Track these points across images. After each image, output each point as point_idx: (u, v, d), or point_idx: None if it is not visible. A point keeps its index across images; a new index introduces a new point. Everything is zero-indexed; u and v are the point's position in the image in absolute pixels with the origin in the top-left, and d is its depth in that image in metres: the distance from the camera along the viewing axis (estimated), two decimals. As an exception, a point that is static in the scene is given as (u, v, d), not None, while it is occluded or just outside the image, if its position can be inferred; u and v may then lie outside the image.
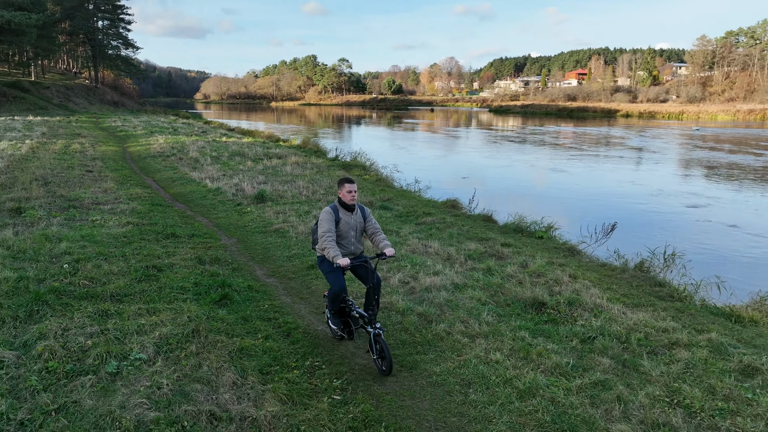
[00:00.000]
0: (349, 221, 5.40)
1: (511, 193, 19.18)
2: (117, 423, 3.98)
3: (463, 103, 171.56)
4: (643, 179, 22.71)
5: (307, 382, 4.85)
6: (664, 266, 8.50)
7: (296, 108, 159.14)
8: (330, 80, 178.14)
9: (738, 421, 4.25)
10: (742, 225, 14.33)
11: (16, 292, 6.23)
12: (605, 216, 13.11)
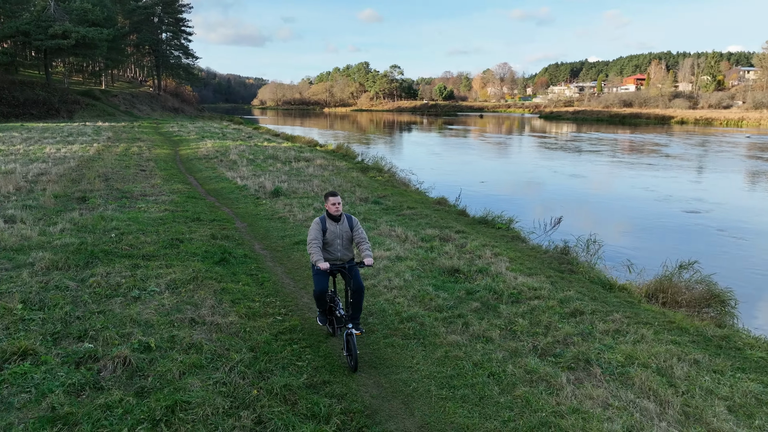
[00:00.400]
0: (335, 230, 6.07)
1: (514, 194, 20.98)
2: (134, 321, 6.42)
3: (515, 109, 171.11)
4: (651, 185, 23.89)
5: (261, 309, 7.17)
6: (585, 250, 10.34)
7: (348, 114, 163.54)
8: (382, 86, 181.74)
9: (541, 338, 6.25)
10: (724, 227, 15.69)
11: (78, 251, 8.89)
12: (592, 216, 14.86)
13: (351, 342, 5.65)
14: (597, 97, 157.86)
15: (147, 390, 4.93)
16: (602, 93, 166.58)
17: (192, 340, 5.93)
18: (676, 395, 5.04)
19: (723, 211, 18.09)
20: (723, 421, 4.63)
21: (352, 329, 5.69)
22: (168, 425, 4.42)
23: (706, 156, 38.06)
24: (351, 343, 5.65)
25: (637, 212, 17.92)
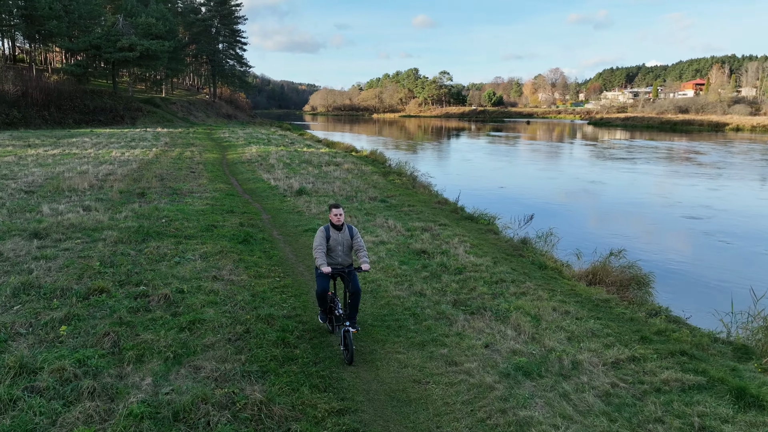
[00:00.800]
0: (337, 238, 6.88)
1: (524, 197, 22.97)
2: (174, 276, 9.12)
3: (565, 114, 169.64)
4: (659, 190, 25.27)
5: (266, 273, 9.75)
6: (544, 241, 12.45)
7: (396, 120, 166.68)
8: (430, 92, 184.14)
9: (461, 295, 8.53)
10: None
11: (137, 231, 11.77)
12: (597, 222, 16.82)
13: (347, 338, 6.44)
14: (651, 102, 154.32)
15: (178, 313, 7.57)
16: (657, 99, 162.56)
17: (212, 288, 8.57)
18: (533, 328, 7.26)
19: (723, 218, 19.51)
20: (556, 343, 6.83)
21: (349, 327, 6.48)
22: (190, 331, 7.02)
23: (734, 163, 38.45)
24: (347, 339, 6.44)
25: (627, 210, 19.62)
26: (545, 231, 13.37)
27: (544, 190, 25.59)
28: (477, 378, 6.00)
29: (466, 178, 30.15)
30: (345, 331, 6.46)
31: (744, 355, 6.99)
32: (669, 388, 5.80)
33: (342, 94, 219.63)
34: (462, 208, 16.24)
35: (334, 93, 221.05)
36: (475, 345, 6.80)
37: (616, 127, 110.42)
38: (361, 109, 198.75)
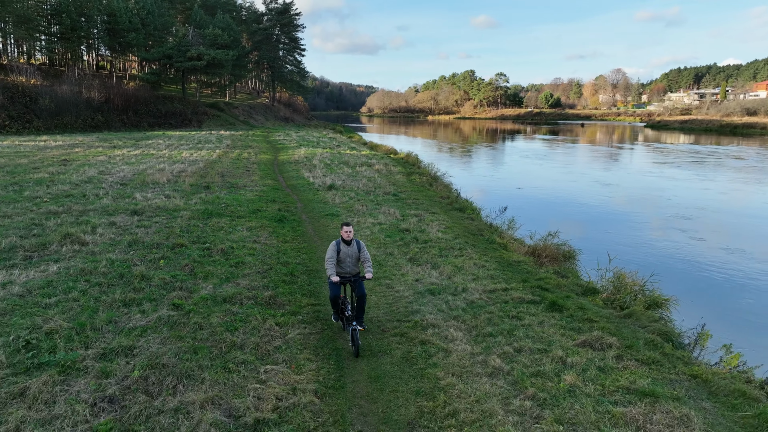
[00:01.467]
0: (346, 251, 8.17)
1: (531, 195, 26.51)
2: (228, 240, 13.64)
3: (625, 117, 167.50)
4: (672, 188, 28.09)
5: (290, 239, 14.12)
6: (508, 226, 16.27)
7: (451, 122, 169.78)
8: (486, 94, 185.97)
9: (417, 255, 12.58)
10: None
11: (203, 212, 16.48)
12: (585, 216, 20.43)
13: (355, 335, 7.60)
14: (718, 104, 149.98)
15: (229, 258, 12.03)
16: (726, 100, 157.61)
17: (252, 247, 13.02)
18: (452, 273, 11.25)
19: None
20: (461, 280, 10.78)
21: (356, 325, 7.71)
22: (236, 267, 11.43)
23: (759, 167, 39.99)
24: (355, 336, 7.61)
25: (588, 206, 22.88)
26: (515, 219, 17.15)
27: (548, 190, 28.93)
28: (400, 293, 10.11)
29: (489, 178, 33.85)
30: (353, 330, 7.70)
31: (591, 292, 10.72)
32: (513, 302, 9.71)
33: (398, 96, 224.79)
34: (456, 201, 20.18)
35: (390, 95, 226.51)
36: (409, 279, 10.90)
37: (673, 130, 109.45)
38: (417, 111, 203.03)
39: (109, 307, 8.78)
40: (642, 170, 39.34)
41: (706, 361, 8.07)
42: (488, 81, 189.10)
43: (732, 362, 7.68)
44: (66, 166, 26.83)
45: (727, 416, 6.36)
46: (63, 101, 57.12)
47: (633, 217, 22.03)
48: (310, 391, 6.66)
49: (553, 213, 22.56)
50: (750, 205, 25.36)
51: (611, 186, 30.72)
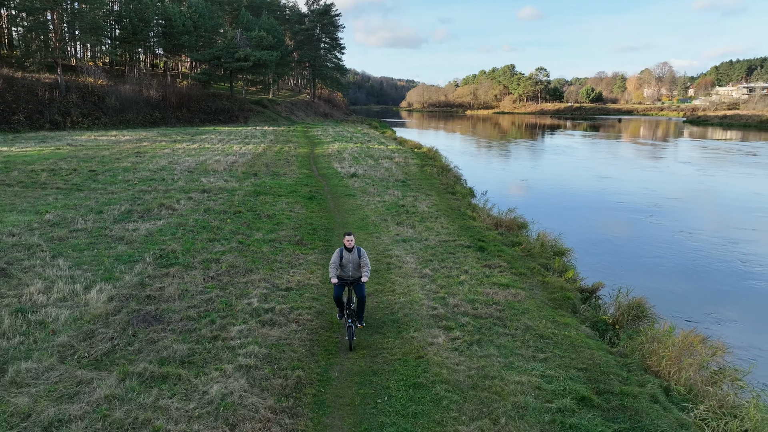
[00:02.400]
0: (348, 258, 9.41)
1: (526, 185, 31.47)
2: (271, 207, 19.42)
3: (668, 111, 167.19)
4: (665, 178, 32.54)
5: (316, 209, 19.79)
6: (484, 204, 21.51)
7: (490, 116, 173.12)
8: (526, 89, 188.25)
9: (402, 219, 18.01)
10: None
11: (254, 192, 22.38)
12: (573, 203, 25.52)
13: (350, 331, 8.89)
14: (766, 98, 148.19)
15: (273, 220, 17.76)
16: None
17: (289, 214, 18.75)
18: (423, 231, 16.63)
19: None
20: (427, 234, 16.15)
21: (352, 324, 9.00)
22: (278, 225, 17.13)
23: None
24: (350, 332, 8.89)
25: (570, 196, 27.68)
26: (493, 201, 22.37)
27: (546, 180, 33.75)
28: (383, 241, 15.60)
29: (497, 170, 38.83)
30: (348, 326, 8.97)
31: (516, 245, 15.93)
32: (455, 246, 15.04)
33: (438, 91, 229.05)
34: (453, 187, 25.45)
35: (430, 89, 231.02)
36: (392, 234, 16.37)
37: (713, 126, 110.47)
38: (456, 105, 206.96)
39: (201, 242, 14.62)
40: (637, 165, 43.40)
41: (557, 277, 13.24)
42: (528, 75, 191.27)
43: (568, 275, 12.84)
44: (140, 157, 33.37)
45: (543, 295, 11.61)
46: (126, 100, 64.83)
47: (593, 202, 26.81)
48: (316, 280, 12.24)
49: (538, 199, 27.57)
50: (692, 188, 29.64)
51: (604, 179, 35.25)
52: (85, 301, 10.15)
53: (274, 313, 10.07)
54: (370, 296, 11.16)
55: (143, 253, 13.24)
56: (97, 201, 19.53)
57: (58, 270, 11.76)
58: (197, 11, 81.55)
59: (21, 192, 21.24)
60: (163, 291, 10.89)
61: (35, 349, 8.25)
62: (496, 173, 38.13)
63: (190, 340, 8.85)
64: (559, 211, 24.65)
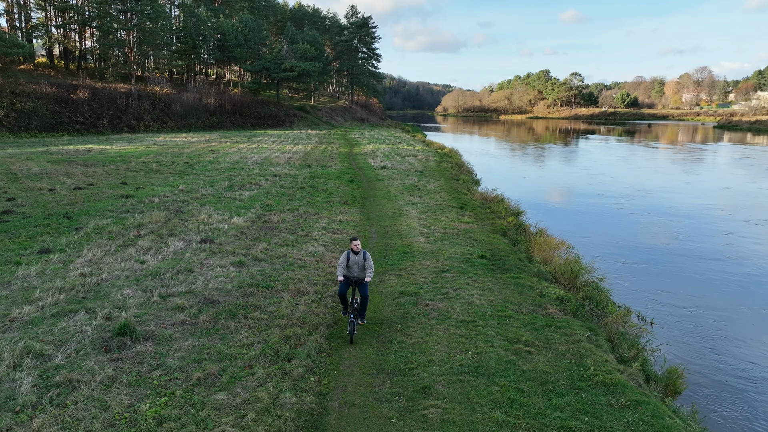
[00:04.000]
0: (354, 260, 10.67)
1: (529, 180, 39.82)
2: (323, 187, 28.50)
3: (705, 117, 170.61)
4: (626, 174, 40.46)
5: (356, 186, 28.76)
6: (484, 188, 30.14)
7: (524, 121, 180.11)
8: (560, 94, 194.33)
9: (413, 193, 26.83)
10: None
11: (309, 176, 31.60)
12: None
13: (352, 326, 10.20)
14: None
15: (325, 192, 26.79)
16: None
17: (336, 190, 27.79)
18: (427, 198, 25.39)
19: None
20: (429, 201, 24.89)
21: (355, 319, 10.29)
22: (329, 195, 26.16)
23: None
24: (352, 327, 10.20)
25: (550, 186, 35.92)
26: (495, 188, 30.93)
27: (544, 178, 41.92)
28: (399, 205, 24.44)
29: (505, 167, 47.17)
30: (351, 321, 10.24)
31: (487, 207, 24.51)
32: (446, 207, 23.73)
33: (473, 96, 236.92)
34: (458, 176, 34.02)
35: (465, 94, 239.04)
36: (405, 200, 25.16)
37: (743, 131, 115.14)
38: (490, 110, 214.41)
39: (284, 201, 23.72)
40: (610, 161, 50.99)
41: (503, 221, 21.70)
42: (563, 81, 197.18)
43: (509, 219, 21.35)
44: (215, 154, 43.09)
45: (489, 228, 20.20)
46: (188, 106, 75.57)
47: (560, 186, 35.00)
48: (356, 219, 21.12)
49: (524, 186, 35.89)
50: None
51: (596, 176, 43.23)
52: (232, 222, 19.32)
53: (333, 230, 19.01)
54: (388, 228, 19.97)
55: (252, 205, 22.47)
56: (204, 180, 29.04)
57: (209, 211, 21.03)
58: (247, 25, 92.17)
59: (148, 175, 30.93)
60: (272, 220, 20.02)
61: (222, 235, 17.40)
62: (506, 170, 46.47)
63: (293, 235, 17.89)
64: (533, 191, 32.97)
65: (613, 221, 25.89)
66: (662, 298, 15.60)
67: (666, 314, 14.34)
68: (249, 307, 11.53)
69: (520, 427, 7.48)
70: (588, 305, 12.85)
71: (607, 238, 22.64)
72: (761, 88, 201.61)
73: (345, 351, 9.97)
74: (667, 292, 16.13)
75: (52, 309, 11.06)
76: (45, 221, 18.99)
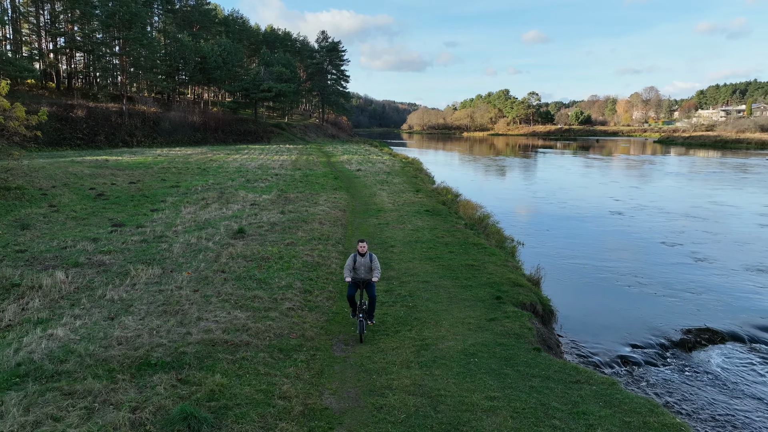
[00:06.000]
0: (361, 262, 11.36)
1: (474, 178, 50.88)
2: (314, 182, 38.82)
3: (651, 133, 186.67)
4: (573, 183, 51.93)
5: (339, 184, 39.14)
6: (438, 184, 40.95)
7: (485, 138, 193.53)
8: (519, 112, 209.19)
9: (382, 185, 37.38)
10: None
11: (302, 176, 41.88)
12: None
13: (361, 326, 10.99)
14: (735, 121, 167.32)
15: (317, 184, 37.09)
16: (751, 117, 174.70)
17: (324, 183, 38.11)
18: (393, 187, 35.98)
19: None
20: (395, 187, 35.45)
21: (364, 320, 11.10)
22: (321, 186, 36.46)
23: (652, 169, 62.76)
24: (361, 326, 10.99)
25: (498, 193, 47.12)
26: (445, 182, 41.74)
27: (489, 180, 53.06)
28: (374, 191, 34.93)
29: (458, 169, 58.27)
30: (360, 321, 11.07)
31: (436, 193, 35.20)
32: (406, 190, 34.31)
33: (437, 114, 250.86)
34: (417, 176, 44.68)
35: (429, 112, 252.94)
36: (377, 189, 35.66)
37: (678, 146, 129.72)
38: (454, 127, 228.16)
39: (293, 188, 33.90)
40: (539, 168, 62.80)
41: (445, 196, 32.31)
42: (521, 99, 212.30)
43: (448, 196, 32.01)
44: (217, 162, 52.88)
45: (434, 202, 30.85)
46: (175, 123, 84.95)
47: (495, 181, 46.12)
48: (342, 201, 31.48)
49: (474, 183, 46.81)
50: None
51: (532, 178, 54.55)
52: (263, 197, 29.42)
53: (331, 201, 29.30)
54: (367, 201, 30.34)
55: (271, 189, 32.64)
56: (223, 177, 38.99)
57: (243, 193, 31.07)
58: (225, 49, 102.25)
59: (174, 176, 40.65)
60: (288, 196, 30.23)
61: (262, 202, 27.55)
62: (459, 174, 57.52)
63: (307, 202, 28.17)
64: (474, 184, 43.89)
65: (526, 201, 36.89)
66: (537, 236, 26.42)
67: (534, 242, 25.13)
68: (297, 226, 21.75)
69: (434, 260, 17.90)
70: (480, 228, 23.52)
71: (515, 206, 33.55)
72: (702, 106, 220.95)
73: (354, 239, 20.31)
74: (541, 233, 27.00)
75: (190, 228, 21.09)
76: (132, 200, 28.81)
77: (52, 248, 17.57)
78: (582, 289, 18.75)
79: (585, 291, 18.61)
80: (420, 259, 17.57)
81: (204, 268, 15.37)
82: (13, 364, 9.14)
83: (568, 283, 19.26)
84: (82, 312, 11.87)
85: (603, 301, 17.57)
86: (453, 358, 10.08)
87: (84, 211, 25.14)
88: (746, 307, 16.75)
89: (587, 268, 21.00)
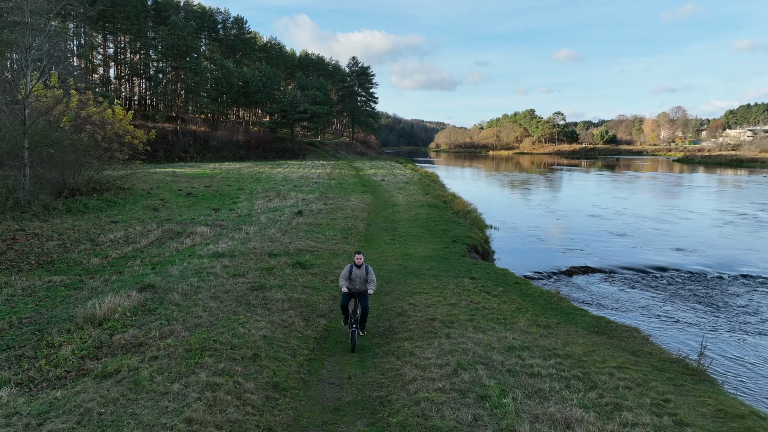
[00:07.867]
0: (357, 273, 11.94)
1: (485, 191, 61.43)
2: (347, 187, 49.93)
3: (675, 152, 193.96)
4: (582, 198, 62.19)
5: (366, 189, 50.17)
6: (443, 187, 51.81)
7: (511, 156, 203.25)
8: (544, 131, 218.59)
9: (399, 187, 48.30)
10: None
11: (337, 184, 53.19)
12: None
13: (353, 335, 11.39)
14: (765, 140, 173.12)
15: (350, 188, 48.19)
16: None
17: (354, 188, 49.16)
18: (406, 187, 46.84)
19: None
20: (405, 185, 46.29)
21: (356, 329, 11.48)
22: (350, 191, 47.54)
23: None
24: (353, 336, 11.38)
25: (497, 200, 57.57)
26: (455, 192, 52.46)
27: (495, 189, 63.47)
28: (386, 188, 45.90)
29: (470, 183, 68.92)
30: (352, 332, 11.42)
31: (441, 195, 45.93)
32: (418, 194, 45.13)
33: (464, 133, 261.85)
34: (430, 185, 55.43)
35: (456, 131, 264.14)
36: (396, 193, 46.54)
37: (694, 164, 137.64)
38: (480, 146, 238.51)
39: (330, 191, 45.02)
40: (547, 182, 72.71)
41: (446, 197, 42.92)
42: (547, 119, 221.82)
43: (449, 196, 42.65)
44: (265, 174, 64.50)
45: (436, 200, 41.58)
46: (222, 141, 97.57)
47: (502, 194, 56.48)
48: (368, 199, 42.42)
49: (482, 191, 57.34)
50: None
51: (523, 186, 64.72)
52: (309, 196, 40.57)
53: (359, 198, 40.24)
54: (387, 200, 41.21)
55: (314, 192, 43.86)
56: (274, 184, 50.34)
57: (294, 193, 42.27)
58: (265, 74, 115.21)
59: (236, 182, 52.17)
60: (328, 195, 41.36)
61: (309, 198, 38.71)
62: (467, 185, 68.04)
63: (342, 199, 39.21)
64: (481, 193, 54.38)
65: (515, 203, 47.27)
66: (512, 223, 36.88)
67: (508, 227, 35.60)
68: (336, 211, 32.67)
69: (423, 227, 28.58)
70: (463, 215, 34.18)
71: (504, 205, 44.03)
72: (731, 126, 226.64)
73: (375, 217, 31.23)
74: (517, 222, 37.48)
75: (265, 210, 32.24)
76: (214, 197, 40.20)
77: (186, 219, 28.82)
78: (520, 251, 29.24)
79: (521, 251, 29.09)
80: (414, 227, 28.40)
81: (284, 227, 26.38)
82: (211, 252, 20.19)
83: (514, 247, 29.81)
84: (226, 240, 22.92)
85: (530, 255, 28.02)
86: (419, 257, 20.87)
87: (186, 202, 36.57)
88: (616, 258, 26.99)
89: (534, 242, 31.42)
